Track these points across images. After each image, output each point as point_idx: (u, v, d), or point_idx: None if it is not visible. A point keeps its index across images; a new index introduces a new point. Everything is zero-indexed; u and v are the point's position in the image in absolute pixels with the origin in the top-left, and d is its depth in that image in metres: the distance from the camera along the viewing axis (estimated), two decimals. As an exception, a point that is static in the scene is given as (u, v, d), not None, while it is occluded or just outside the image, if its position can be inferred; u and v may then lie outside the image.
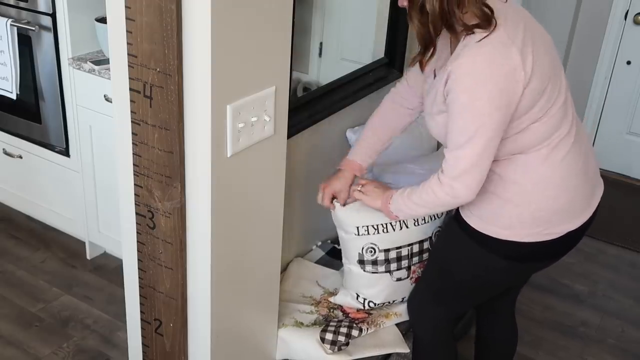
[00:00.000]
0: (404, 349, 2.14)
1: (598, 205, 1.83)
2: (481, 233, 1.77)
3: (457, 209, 1.86)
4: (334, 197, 2.08)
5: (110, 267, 3.00)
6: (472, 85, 1.57)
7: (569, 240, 1.81)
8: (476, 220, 1.78)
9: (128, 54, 1.48)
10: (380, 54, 2.57)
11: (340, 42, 2.73)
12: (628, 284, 3.18)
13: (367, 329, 2.14)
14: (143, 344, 1.84)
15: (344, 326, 2.11)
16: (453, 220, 1.88)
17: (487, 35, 1.56)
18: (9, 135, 3.05)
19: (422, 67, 1.71)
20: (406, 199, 1.82)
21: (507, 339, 2.21)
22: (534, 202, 1.72)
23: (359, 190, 1.99)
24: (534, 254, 1.80)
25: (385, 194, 1.90)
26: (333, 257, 2.45)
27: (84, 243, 3.04)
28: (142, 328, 1.82)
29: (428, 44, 1.65)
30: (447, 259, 1.92)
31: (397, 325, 2.20)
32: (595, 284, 3.15)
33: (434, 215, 2.14)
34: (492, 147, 1.62)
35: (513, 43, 1.57)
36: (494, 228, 1.76)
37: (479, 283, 1.90)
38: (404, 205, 1.83)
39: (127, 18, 1.45)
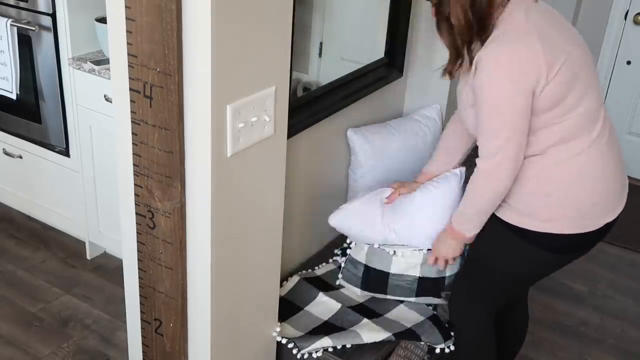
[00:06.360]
0: None
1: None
2: (521, 227, 1.81)
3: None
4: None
5: (110, 267, 3.00)
6: (495, 71, 1.66)
7: (604, 231, 1.86)
8: (515, 215, 1.82)
9: (128, 54, 1.48)
10: (380, 54, 2.57)
11: (340, 42, 2.73)
12: (628, 284, 3.18)
13: None
14: (143, 344, 1.84)
15: None
16: (493, 218, 1.90)
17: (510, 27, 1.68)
18: (9, 135, 3.05)
19: (451, 76, 1.82)
20: (460, 214, 1.91)
21: (522, 323, 2.28)
22: (575, 195, 1.77)
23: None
24: (574, 244, 1.85)
25: (446, 229, 1.98)
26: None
27: (84, 243, 3.04)
28: (142, 328, 1.82)
29: (457, 54, 1.75)
30: (490, 257, 1.95)
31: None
32: (595, 284, 3.15)
33: None
34: (519, 131, 1.69)
35: (533, 33, 1.67)
36: (534, 221, 1.80)
37: (522, 276, 1.96)
38: (462, 219, 1.91)
39: (127, 18, 1.45)
